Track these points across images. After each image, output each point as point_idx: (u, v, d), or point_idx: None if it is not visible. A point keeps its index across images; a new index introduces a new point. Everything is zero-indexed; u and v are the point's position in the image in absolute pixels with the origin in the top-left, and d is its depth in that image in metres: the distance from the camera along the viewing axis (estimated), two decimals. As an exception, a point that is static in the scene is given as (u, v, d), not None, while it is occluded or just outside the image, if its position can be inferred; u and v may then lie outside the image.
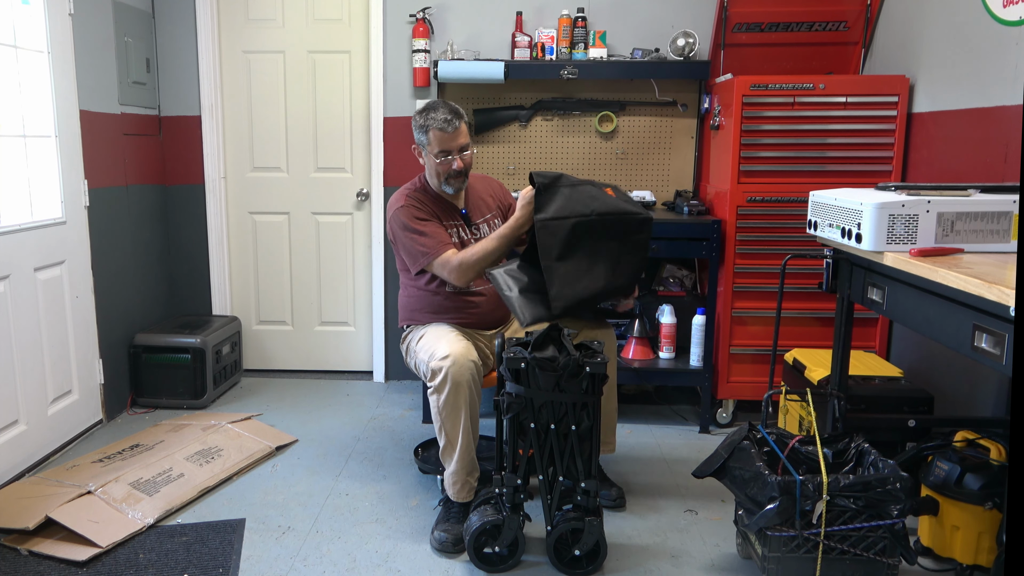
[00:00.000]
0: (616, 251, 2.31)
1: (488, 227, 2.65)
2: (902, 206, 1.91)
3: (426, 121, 2.49)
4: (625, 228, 2.31)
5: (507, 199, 2.81)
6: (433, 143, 2.49)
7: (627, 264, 2.34)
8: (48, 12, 2.90)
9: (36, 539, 2.30)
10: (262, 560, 2.28)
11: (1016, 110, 2.36)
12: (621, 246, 2.32)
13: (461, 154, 2.51)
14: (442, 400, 2.27)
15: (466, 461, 2.33)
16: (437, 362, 2.27)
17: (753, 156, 3.10)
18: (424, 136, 2.51)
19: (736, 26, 3.35)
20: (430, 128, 2.48)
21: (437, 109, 2.50)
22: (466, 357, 2.26)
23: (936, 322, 1.80)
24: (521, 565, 2.25)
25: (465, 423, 2.28)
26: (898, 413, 2.50)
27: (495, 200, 2.75)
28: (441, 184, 2.56)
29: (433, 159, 2.51)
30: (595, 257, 2.29)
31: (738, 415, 3.36)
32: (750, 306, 3.21)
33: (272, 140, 3.85)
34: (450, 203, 2.63)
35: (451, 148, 2.49)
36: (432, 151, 2.50)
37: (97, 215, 3.23)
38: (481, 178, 2.79)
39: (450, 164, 2.50)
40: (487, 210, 2.70)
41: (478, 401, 2.32)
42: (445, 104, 2.52)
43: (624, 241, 2.32)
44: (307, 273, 3.95)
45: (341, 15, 3.72)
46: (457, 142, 2.49)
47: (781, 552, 1.97)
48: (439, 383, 2.26)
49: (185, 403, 3.49)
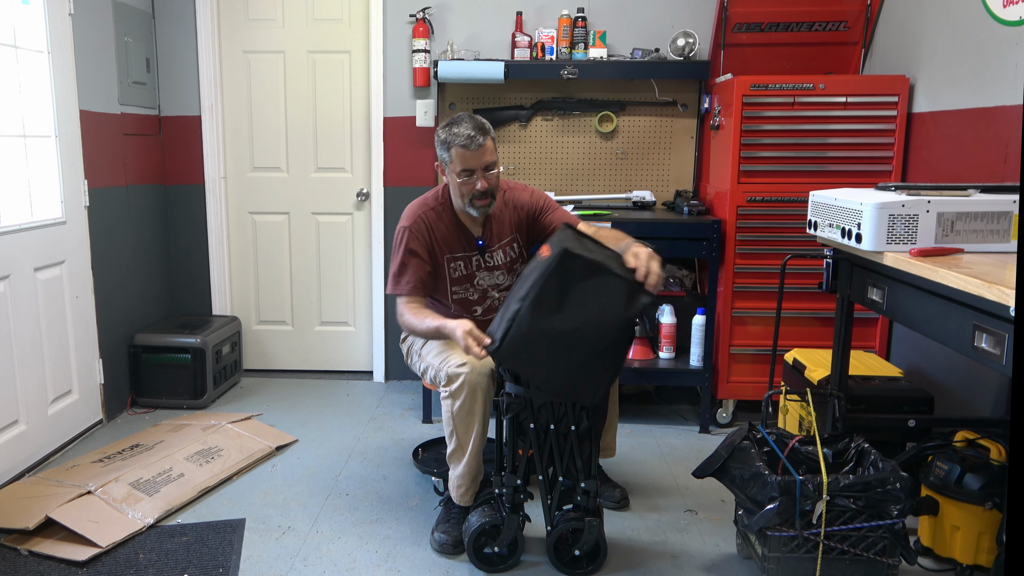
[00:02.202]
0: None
1: (503, 254, 2.51)
2: (902, 206, 1.91)
3: (448, 137, 2.32)
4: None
5: (533, 207, 2.53)
6: (455, 161, 2.31)
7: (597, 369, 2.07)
8: (48, 12, 2.90)
9: (36, 539, 2.30)
10: (262, 560, 2.28)
11: (1016, 110, 2.36)
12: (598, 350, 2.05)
13: (486, 173, 2.33)
14: (457, 406, 2.25)
15: (474, 466, 2.32)
16: (455, 368, 2.23)
17: (753, 156, 3.10)
18: (446, 153, 2.33)
19: (736, 26, 3.35)
20: (452, 145, 2.30)
21: (461, 124, 2.31)
22: (484, 364, 2.23)
23: (936, 322, 1.80)
24: (521, 565, 2.25)
25: (478, 429, 2.27)
26: (898, 413, 2.50)
27: (518, 219, 2.53)
28: (465, 206, 2.39)
29: (455, 178, 2.35)
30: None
31: (738, 415, 3.36)
32: (750, 306, 3.21)
33: (272, 140, 3.85)
34: (465, 230, 2.47)
35: (474, 167, 2.31)
36: (454, 169, 2.33)
37: (97, 215, 3.23)
38: (509, 191, 2.54)
39: (473, 184, 2.32)
40: (506, 235, 2.52)
41: (490, 408, 2.29)
42: (471, 118, 2.34)
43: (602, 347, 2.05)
44: (307, 273, 3.95)
45: (341, 15, 3.72)
46: (481, 160, 2.31)
47: (781, 552, 1.97)
48: (456, 389, 2.23)
49: (185, 403, 3.49)
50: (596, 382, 2.06)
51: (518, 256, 2.57)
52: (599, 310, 1.99)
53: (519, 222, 2.53)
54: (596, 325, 2.00)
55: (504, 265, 2.53)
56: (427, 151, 3.73)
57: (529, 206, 2.54)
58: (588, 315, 1.99)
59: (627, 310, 1.99)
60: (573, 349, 2.01)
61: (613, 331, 2.02)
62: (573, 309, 1.99)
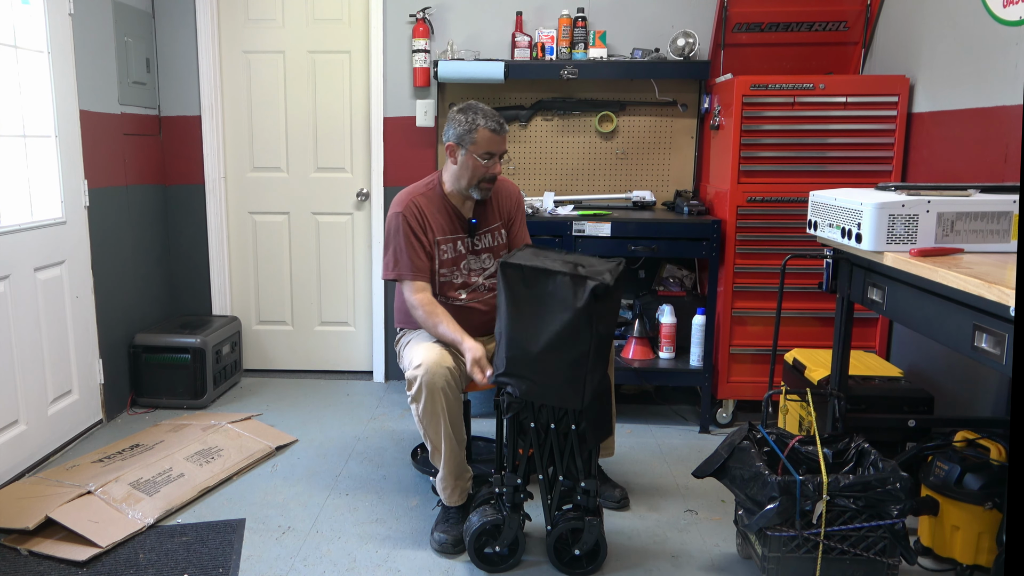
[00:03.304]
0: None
1: (491, 237, 2.59)
2: (902, 206, 1.91)
3: (475, 119, 2.40)
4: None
5: (517, 207, 2.69)
6: (480, 143, 2.40)
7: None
8: (48, 12, 2.90)
9: (36, 539, 2.30)
10: (262, 560, 2.28)
11: (1016, 110, 2.36)
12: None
13: (500, 159, 2.48)
14: (420, 409, 2.27)
15: (453, 465, 2.32)
16: (411, 371, 2.27)
17: (753, 156, 3.10)
18: (470, 135, 2.40)
19: (736, 26, 3.35)
20: (479, 127, 2.39)
21: (483, 110, 2.43)
22: (439, 364, 2.24)
23: (936, 322, 1.80)
24: (521, 565, 2.25)
25: (446, 429, 2.27)
26: (898, 413, 2.50)
27: (505, 210, 2.64)
28: (471, 187, 2.48)
29: (476, 160, 2.42)
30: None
31: (738, 415, 3.36)
32: (750, 306, 3.21)
33: (272, 140, 3.85)
34: (458, 211, 2.54)
35: (496, 151, 2.43)
36: (477, 151, 2.41)
37: (97, 215, 3.23)
38: (501, 183, 2.65)
39: (489, 168, 2.43)
40: (494, 220, 2.61)
41: (457, 405, 2.29)
42: (487, 107, 2.47)
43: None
44: (307, 273, 3.95)
45: (341, 15, 3.72)
46: (502, 147, 2.45)
47: (781, 552, 1.97)
48: (415, 392, 2.26)
49: (185, 403, 3.49)
50: (579, 385, 2.06)
51: (505, 243, 2.63)
52: (557, 311, 2.02)
53: (506, 212, 2.64)
54: (561, 326, 2.02)
55: (490, 249, 2.59)
56: (427, 151, 3.73)
57: (516, 201, 2.68)
58: (551, 319, 2.03)
59: (576, 301, 2.00)
60: (554, 355, 2.04)
61: (574, 329, 2.02)
62: (538, 319, 2.05)
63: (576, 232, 3.18)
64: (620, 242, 3.18)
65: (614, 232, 3.17)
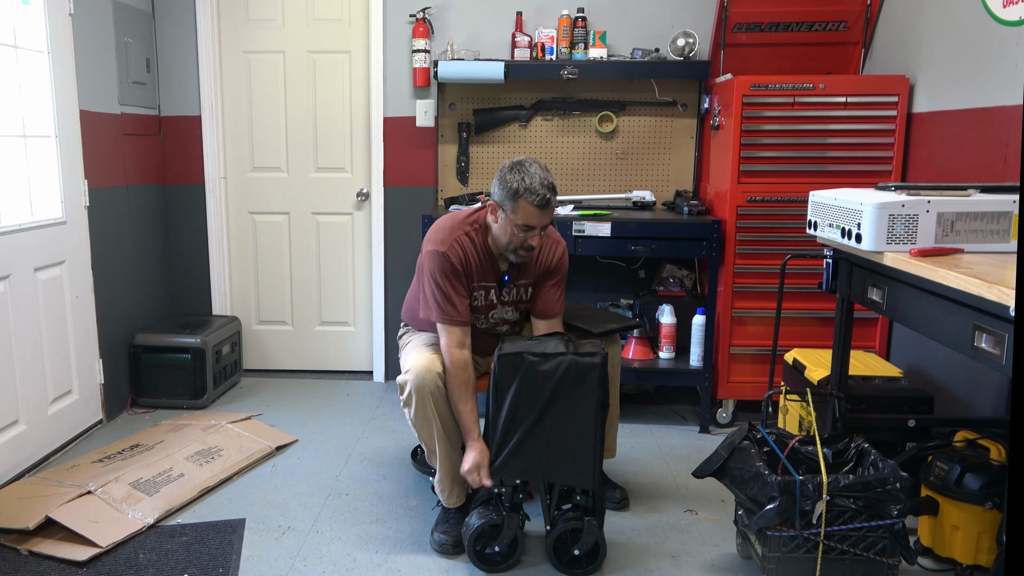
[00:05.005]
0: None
1: (518, 291, 2.46)
2: (902, 206, 1.91)
3: (520, 188, 2.19)
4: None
5: (556, 270, 2.48)
6: (519, 215, 2.21)
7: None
8: (48, 12, 2.90)
9: (36, 539, 2.30)
10: (262, 560, 2.28)
11: (1016, 110, 2.36)
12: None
13: (541, 232, 2.29)
14: (412, 413, 2.28)
15: (449, 467, 2.32)
16: (401, 377, 2.28)
17: (753, 156, 3.10)
18: (512, 203, 2.21)
19: (736, 26, 3.35)
20: (522, 198, 2.19)
21: (534, 176, 2.20)
22: (428, 370, 2.23)
23: (936, 322, 1.80)
24: (521, 565, 2.25)
25: (439, 432, 2.28)
26: (898, 413, 2.49)
27: (542, 268, 2.46)
28: (507, 252, 2.34)
29: (513, 229, 2.25)
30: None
31: (738, 415, 3.36)
32: (750, 306, 3.21)
33: (272, 140, 3.85)
34: (495, 261, 2.40)
35: (537, 225, 2.24)
36: (515, 221, 2.23)
37: (97, 215, 3.23)
38: (547, 238, 2.47)
39: (526, 239, 2.26)
40: (527, 278, 2.45)
41: (447, 408, 2.28)
42: (542, 168, 2.23)
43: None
44: (307, 273, 3.95)
45: (341, 15, 3.72)
46: (544, 220, 2.25)
47: (781, 552, 1.97)
48: (406, 397, 2.27)
49: (185, 403, 3.49)
50: (582, 462, 2.16)
51: (529, 298, 2.51)
52: (551, 392, 2.14)
53: (541, 270, 2.46)
54: (561, 408, 2.15)
55: (514, 302, 2.49)
56: (427, 151, 3.73)
57: (556, 263, 2.48)
58: (549, 403, 2.15)
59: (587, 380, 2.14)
60: (548, 437, 2.16)
61: (588, 406, 2.15)
62: (531, 404, 2.15)
63: (576, 232, 3.18)
64: (620, 242, 3.18)
65: (614, 232, 3.17)
